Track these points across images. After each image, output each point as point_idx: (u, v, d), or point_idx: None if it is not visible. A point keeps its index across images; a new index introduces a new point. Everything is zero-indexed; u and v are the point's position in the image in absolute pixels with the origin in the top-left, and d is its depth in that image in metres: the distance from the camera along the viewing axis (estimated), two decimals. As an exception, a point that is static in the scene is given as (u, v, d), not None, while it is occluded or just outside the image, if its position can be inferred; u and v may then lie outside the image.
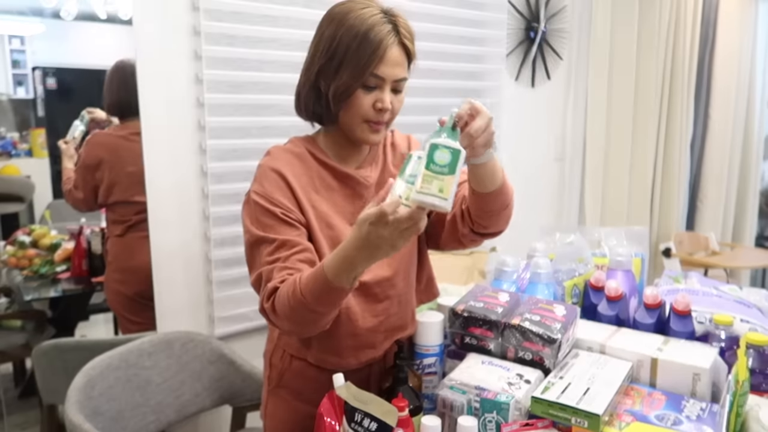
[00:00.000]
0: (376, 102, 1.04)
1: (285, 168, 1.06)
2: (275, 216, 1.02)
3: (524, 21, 2.44)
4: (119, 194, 1.71)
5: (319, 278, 0.90)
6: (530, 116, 2.56)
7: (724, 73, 3.42)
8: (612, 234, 1.59)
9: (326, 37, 1.03)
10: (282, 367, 1.15)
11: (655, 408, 0.97)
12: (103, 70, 1.80)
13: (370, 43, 1.00)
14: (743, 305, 1.27)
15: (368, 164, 1.15)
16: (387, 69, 1.02)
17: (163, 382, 1.54)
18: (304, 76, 1.09)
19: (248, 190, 1.08)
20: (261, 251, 1.01)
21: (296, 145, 1.12)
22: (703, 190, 3.50)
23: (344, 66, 1.01)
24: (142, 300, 1.68)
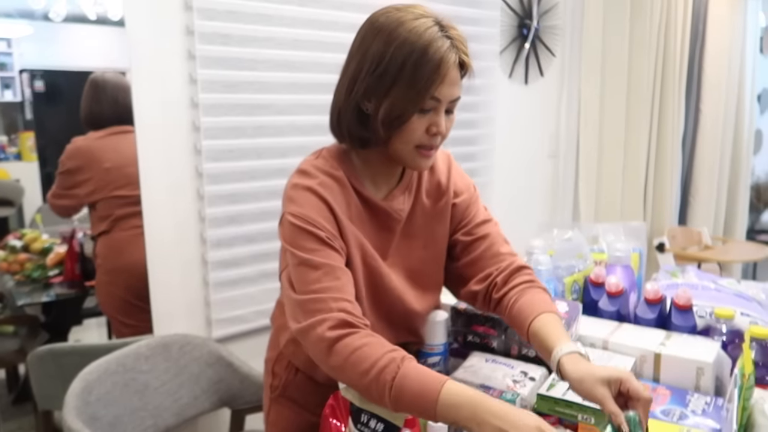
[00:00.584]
0: (431, 126, 0.94)
1: (326, 192, 0.96)
2: (319, 240, 0.92)
3: (517, 18, 2.44)
4: (100, 192, 1.71)
5: (424, 396, 0.78)
6: (524, 113, 2.57)
7: (714, 69, 3.44)
8: (609, 230, 1.59)
9: (374, 53, 0.92)
10: (286, 378, 1.12)
11: (660, 403, 0.97)
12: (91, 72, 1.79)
13: (429, 62, 0.88)
14: (742, 299, 1.28)
15: (401, 192, 1.05)
16: (446, 90, 0.91)
17: (161, 385, 1.52)
18: (345, 95, 0.96)
19: (283, 212, 0.96)
20: (304, 276, 0.91)
21: (333, 166, 0.99)
22: (695, 185, 3.52)
23: (398, 87, 0.90)
24: (135, 300, 1.66)
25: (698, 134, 3.50)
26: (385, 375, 0.80)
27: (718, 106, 3.48)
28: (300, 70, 1.76)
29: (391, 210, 1.03)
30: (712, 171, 3.52)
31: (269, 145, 1.73)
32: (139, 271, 1.63)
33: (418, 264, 1.07)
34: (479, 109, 2.36)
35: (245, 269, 1.74)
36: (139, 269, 1.63)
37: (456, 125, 2.36)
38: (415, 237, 1.06)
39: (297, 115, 1.77)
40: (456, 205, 1.10)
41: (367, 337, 0.85)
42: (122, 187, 1.62)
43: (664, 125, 3.08)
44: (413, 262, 1.06)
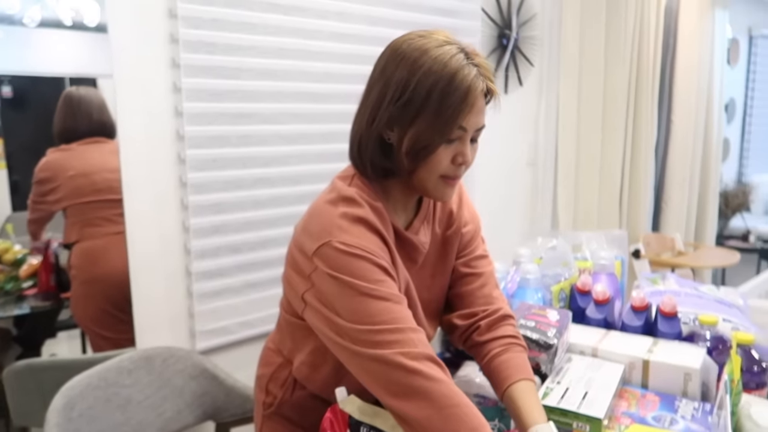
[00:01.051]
0: (457, 156, 0.91)
1: (377, 223, 0.92)
2: (384, 270, 0.88)
3: (497, 28, 2.47)
4: (67, 200, 1.68)
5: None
6: (504, 122, 2.60)
7: (685, 80, 3.55)
8: (592, 238, 1.62)
9: (398, 81, 0.88)
10: (282, 396, 1.09)
11: (651, 409, 0.99)
12: (61, 78, 1.75)
13: (456, 91, 0.86)
14: (724, 305, 1.31)
15: (420, 223, 1.03)
16: (473, 119, 0.89)
17: (145, 399, 1.49)
18: (367, 125, 0.93)
19: (327, 240, 0.88)
20: (370, 308, 0.85)
21: (372, 197, 0.94)
22: (667, 193, 3.61)
23: (424, 116, 0.87)
24: (113, 311, 1.63)
25: (670, 143, 3.60)
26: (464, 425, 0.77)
27: (689, 116, 3.58)
28: (285, 78, 1.75)
29: (418, 243, 1.00)
30: (684, 179, 3.62)
31: (254, 155, 1.72)
32: (116, 279, 1.60)
33: (426, 293, 1.06)
34: (460, 118, 2.38)
35: (230, 280, 1.72)
36: (117, 277, 1.60)
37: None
38: (426, 266, 1.05)
39: (282, 125, 1.76)
40: (463, 235, 1.09)
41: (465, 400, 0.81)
42: (89, 193, 1.61)
43: (638, 134, 3.16)
44: (423, 292, 1.05)
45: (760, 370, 1.06)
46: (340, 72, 1.85)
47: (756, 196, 4.90)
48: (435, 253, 1.06)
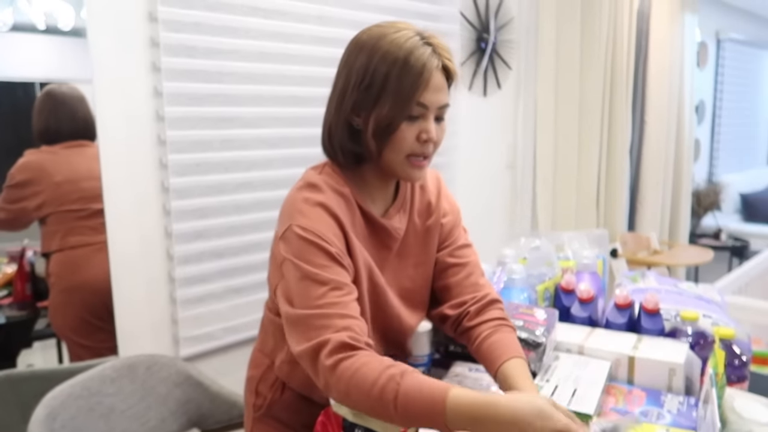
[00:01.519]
0: (421, 133, 0.94)
1: (336, 208, 0.95)
2: (330, 255, 0.91)
3: (475, 32, 2.50)
4: (49, 206, 1.64)
5: (432, 406, 0.78)
6: (483, 125, 2.63)
7: (657, 83, 3.63)
8: (574, 237, 1.65)
9: (358, 68, 0.94)
10: (272, 397, 1.09)
11: (638, 404, 1.01)
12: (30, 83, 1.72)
13: (412, 69, 0.90)
14: (703, 301, 1.34)
15: (396, 211, 1.06)
16: (431, 96, 0.93)
17: (128, 408, 1.47)
18: (335, 113, 0.98)
19: (288, 225, 0.93)
20: (310, 291, 0.88)
21: (339, 182, 0.99)
22: (642, 193, 3.69)
23: (384, 97, 0.92)
24: (93, 319, 1.60)
25: (644, 144, 3.68)
26: (386, 395, 0.79)
27: (661, 118, 3.66)
28: (266, 82, 1.74)
29: (391, 228, 1.03)
30: (658, 179, 3.70)
31: (236, 159, 1.71)
32: (97, 287, 1.57)
33: (409, 283, 1.08)
34: (441, 121, 2.40)
35: (213, 285, 1.70)
36: (97, 286, 1.57)
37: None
38: (407, 256, 1.07)
39: (264, 128, 1.75)
40: (443, 225, 1.12)
41: (365, 357, 0.83)
42: (75, 201, 1.57)
43: (614, 136, 3.22)
44: (404, 281, 1.07)
45: (741, 364, 1.09)
46: (321, 75, 1.85)
47: (726, 195, 5.03)
48: (417, 244, 1.08)
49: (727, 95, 5.37)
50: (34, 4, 1.60)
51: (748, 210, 5.25)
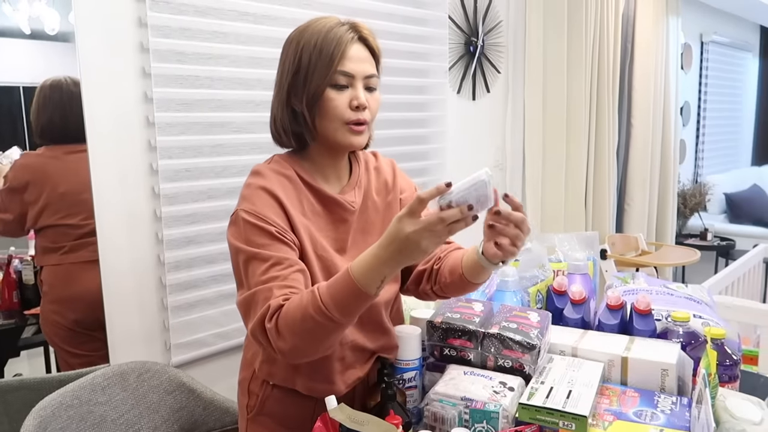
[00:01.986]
0: (351, 100, 1.03)
1: (278, 189, 1.03)
2: (270, 234, 0.98)
3: (464, 36, 2.51)
4: (50, 217, 1.59)
5: (345, 283, 0.88)
6: (472, 128, 2.64)
7: (642, 85, 3.67)
8: (565, 239, 1.66)
9: (289, 57, 1.05)
10: (263, 394, 1.12)
11: (632, 405, 1.02)
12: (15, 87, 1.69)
13: (330, 43, 1.01)
14: (693, 301, 1.36)
15: (351, 188, 1.13)
16: (352, 64, 1.03)
17: (119, 417, 1.45)
18: (276, 100, 1.09)
19: (235, 210, 1.04)
20: (254, 269, 0.96)
21: (283, 166, 1.08)
22: (629, 194, 3.72)
23: (311, 73, 1.02)
24: (85, 330, 1.58)
25: (631, 146, 3.71)
26: (315, 308, 0.88)
27: (647, 119, 3.70)
28: (257, 87, 1.74)
29: (344, 201, 1.10)
30: (644, 180, 3.74)
31: (227, 164, 1.70)
32: (91, 300, 1.54)
33: None
34: (430, 125, 2.41)
35: (205, 291, 1.69)
36: (91, 298, 1.54)
37: (408, 140, 2.39)
38: (370, 232, 1.14)
39: (255, 133, 1.75)
40: (402, 200, 1.19)
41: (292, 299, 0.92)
42: (76, 214, 1.52)
43: (601, 137, 3.25)
44: None
45: (732, 363, 1.11)
46: (312, 80, 1.85)
47: (712, 196, 5.09)
48: (379, 220, 1.15)
49: (711, 96, 5.43)
50: (19, 8, 1.58)
51: (733, 210, 5.31)
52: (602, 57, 3.17)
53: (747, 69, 6.31)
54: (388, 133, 2.20)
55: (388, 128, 2.21)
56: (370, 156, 1.22)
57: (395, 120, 2.23)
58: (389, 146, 2.19)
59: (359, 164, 1.17)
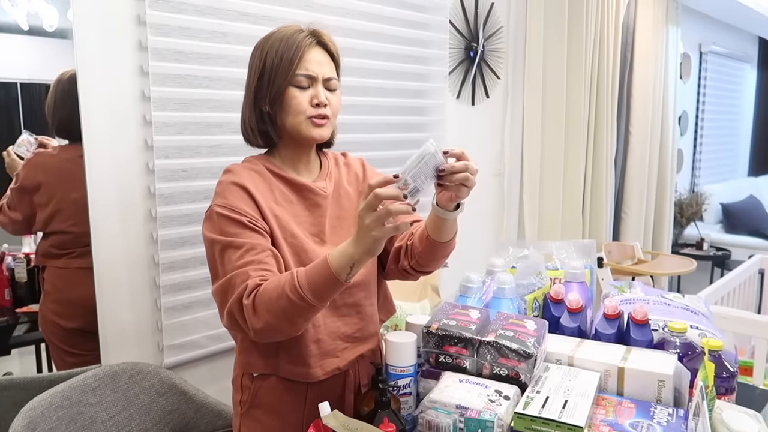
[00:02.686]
0: (312, 98, 1.11)
1: (246, 182, 1.10)
2: (241, 224, 1.05)
3: (464, 41, 2.51)
4: (60, 223, 1.58)
5: (321, 267, 0.95)
6: (471, 133, 2.63)
7: (641, 94, 3.67)
8: (562, 247, 1.65)
9: (255, 63, 1.14)
10: (254, 387, 1.16)
11: (628, 416, 1.00)
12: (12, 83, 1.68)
13: (290, 48, 1.10)
14: (690, 312, 1.35)
15: (322, 179, 1.21)
16: (311, 66, 1.11)
17: (110, 419, 1.44)
18: (245, 102, 1.17)
19: (209, 206, 1.11)
20: (229, 257, 1.03)
21: (253, 162, 1.16)
22: (626, 202, 3.72)
23: (273, 75, 1.10)
24: (84, 331, 1.56)
25: (628, 154, 3.72)
26: (291, 287, 0.95)
27: (645, 128, 3.71)
28: (255, 88, 1.73)
29: (314, 186, 1.18)
30: (642, 189, 3.74)
31: (224, 165, 1.67)
32: (92, 303, 1.53)
33: None
34: (429, 129, 2.40)
35: (198, 292, 1.68)
36: (93, 302, 1.53)
37: (406, 145, 2.38)
38: (345, 218, 1.21)
39: (252, 134, 1.73)
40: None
41: (270, 280, 0.99)
42: (87, 222, 1.49)
43: (599, 146, 3.25)
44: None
45: (729, 375, 1.10)
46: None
47: (708, 206, 5.09)
48: (353, 208, 1.22)
49: (709, 107, 5.44)
50: (18, 4, 1.57)
51: (730, 220, 5.32)
52: (602, 65, 3.17)
53: (745, 80, 6.33)
54: (385, 137, 2.19)
55: (386, 132, 2.20)
56: (340, 155, 1.30)
57: (393, 124, 2.23)
58: (387, 149, 2.19)
59: (328, 160, 1.25)
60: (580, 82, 2.99)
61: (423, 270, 1.22)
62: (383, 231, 0.91)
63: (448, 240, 1.15)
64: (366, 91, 2.09)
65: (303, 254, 1.12)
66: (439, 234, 1.13)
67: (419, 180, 0.93)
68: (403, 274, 1.25)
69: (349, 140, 2.04)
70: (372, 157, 2.10)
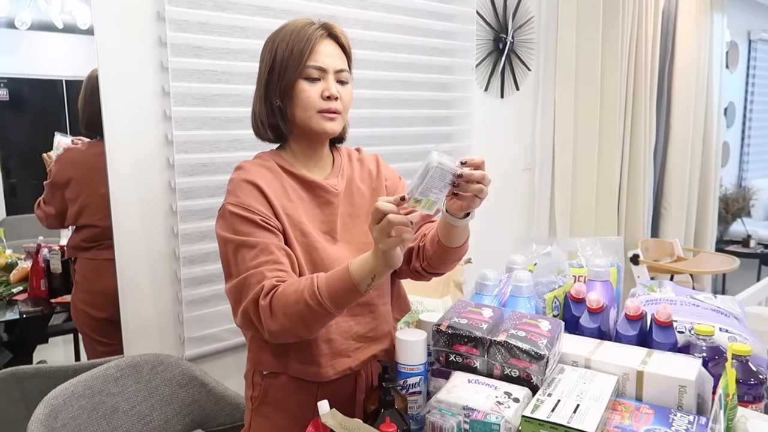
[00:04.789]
0: (323, 91, 1.10)
1: (259, 179, 1.09)
2: (254, 223, 1.05)
3: (493, 32, 2.45)
4: (90, 217, 1.63)
5: (342, 275, 0.95)
6: (500, 127, 2.58)
7: (683, 84, 3.52)
8: (587, 244, 1.59)
9: (265, 57, 1.14)
10: (265, 384, 1.15)
11: (645, 423, 0.96)
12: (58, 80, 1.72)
13: (300, 40, 1.09)
14: (720, 314, 1.28)
15: (333, 176, 1.20)
16: (322, 58, 1.10)
17: (131, 408, 1.46)
18: (256, 96, 1.16)
19: (222, 204, 1.10)
20: (243, 256, 1.03)
21: (265, 159, 1.15)
22: (666, 198, 3.59)
23: (284, 68, 1.09)
24: (111, 321, 1.60)
25: (669, 147, 3.58)
26: (310, 293, 0.95)
27: (688, 120, 3.56)
28: (276, 82, 1.73)
29: (326, 184, 1.16)
30: (683, 183, 3.59)
31: (245, 159, 1.69)
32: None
33: (366, 237, 1.17)
34: (455, 123, 2.36)
35: (218, 286, 1.69)
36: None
37: (432, 138, 2.34)
38: (358, 216, 1.19)
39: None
40: (387, 187, 1.25)
41: (288, 282, 0.98)
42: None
43: (636, 139, 3.14)
44: (362, 237, 1.18)
45: (757, 383, 1.03)
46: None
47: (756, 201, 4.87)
48: (366, 204, 1.21)
49: (758, 97, 5.20)
50: (51, 3, 1.61)
51: (779, 216, 5.08)
52: (639, 55, 3.06)
53: (799, 69, 6.01)
54: (410, 131, 2.16)
55: (411, 125, 2.17)
56: (353, 150, 1.28)
57: (418, 117, 2.19)
58: (411, 144, 2.16)
59: (341, 156, 1.24)
60: (615, 73, 2.89)
61: (434, 272, 1.21)
62: (387, 243, 0.91)
63: (459, 245, 1.14)
64: (389, 85, 2.07)
65: (314, 253, 1.11)
66: (450, 239, 1.12)
67: (431, 193, 0.93)
68: (415, 275, 1.24)
69: (373, 134, 2.03)
70: (397, 151, 2.09)
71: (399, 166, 1.81)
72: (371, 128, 2.02)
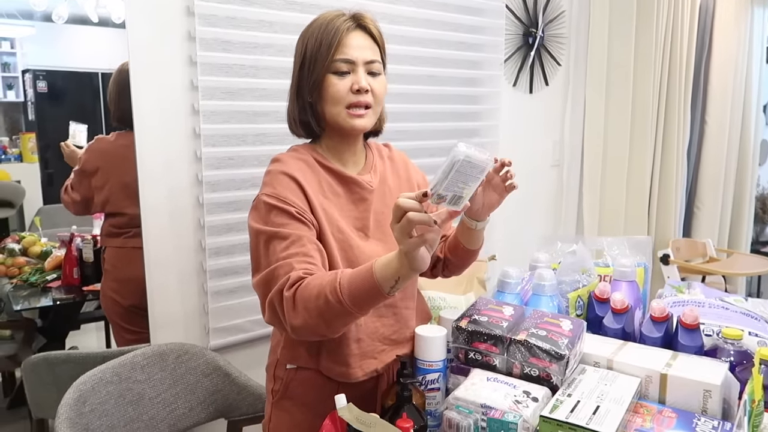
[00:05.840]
0: (353, 85, 1.08)
1: (296, 172, 1.08)
2: (289, 214, 1.03)
3: (522, 26, 2.42)
4: (116, 205, 1.67)
5: (365, 274, 0.90)
6: (528, 122, 2.55)
7: (720, 79, 3.42)
8: (614, 243, 1.57)
9: (297, 52, 1.13)
10: (287, 377, 1.15)
11: (667, 426, 0.94)
12: (95, 73, 1.76)
13: (328, 33, 1.07)
14: (750, 317, 1.25)
15: (367, 172, 1.19)
16: (350, 51, 1.07)
17: (157, 396, 1.50)
18: (290, 93, 1.16)
19: (256, 196, 1.09)
20: (274, 247, 1.00)
21: (301, 152, 1.14)
22: (699, 197, 3.49)
23: (313, 63, 1.08)
24: (140, 309, 1.64)
25: (703, 145, 3.48)
26: (331, 289, 0.91)
27: (724, 116, 3.45)
28: (302, 77, 1.74)
29: (360, 179, 1.15)
30: (717, 181, 3.49)
31: (270, 153, 1.68)
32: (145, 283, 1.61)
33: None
34: (483, 118, 2.34)
35: (244, 278, 1.71)
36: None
37: (459, 133, 2.33)
38: (389, 214, 1.16)
39: (299, 123, 1.75)
40: (419, 185, 1.26)
41: (315, 276, 0.96)
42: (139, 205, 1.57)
43: (669, 135, 3.06)
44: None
45: (786, 389, 1.00)
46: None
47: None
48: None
49: (800, 94, 5.01)
50: (87, -3, 1.65)
51: (820, 218, 4.89)
52: (674, 50, 2.98)
53: None
54: (437, 126, 2.15)
55: (438, 121, 2.16)
56: (383, 147, 1.27)
57: (445, 113, 2.18)
58: (438, 139, 2.15)
59: (373, 153, 1.23)
60: (649, 69, 2.82)
61: (452, 274, 1.26)
62: (408, 244, 0.85)
63: (479, 246, 1.17)
64: (417, 80, 2.06)
65: (349, 250, 1.10)
66: (470, 242, 1.16)
67: (457, 187, 0.86)
68: (435, 275, 1.27)
69: (400, 129, 2.02)
70: (423, 147, 2.08)
71: (425, 161, 1.82)
72: (398, 123, 2.02)
